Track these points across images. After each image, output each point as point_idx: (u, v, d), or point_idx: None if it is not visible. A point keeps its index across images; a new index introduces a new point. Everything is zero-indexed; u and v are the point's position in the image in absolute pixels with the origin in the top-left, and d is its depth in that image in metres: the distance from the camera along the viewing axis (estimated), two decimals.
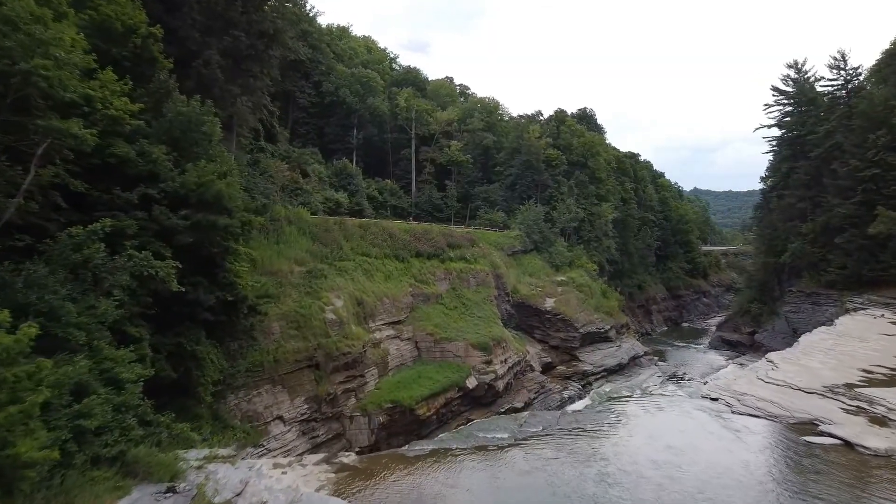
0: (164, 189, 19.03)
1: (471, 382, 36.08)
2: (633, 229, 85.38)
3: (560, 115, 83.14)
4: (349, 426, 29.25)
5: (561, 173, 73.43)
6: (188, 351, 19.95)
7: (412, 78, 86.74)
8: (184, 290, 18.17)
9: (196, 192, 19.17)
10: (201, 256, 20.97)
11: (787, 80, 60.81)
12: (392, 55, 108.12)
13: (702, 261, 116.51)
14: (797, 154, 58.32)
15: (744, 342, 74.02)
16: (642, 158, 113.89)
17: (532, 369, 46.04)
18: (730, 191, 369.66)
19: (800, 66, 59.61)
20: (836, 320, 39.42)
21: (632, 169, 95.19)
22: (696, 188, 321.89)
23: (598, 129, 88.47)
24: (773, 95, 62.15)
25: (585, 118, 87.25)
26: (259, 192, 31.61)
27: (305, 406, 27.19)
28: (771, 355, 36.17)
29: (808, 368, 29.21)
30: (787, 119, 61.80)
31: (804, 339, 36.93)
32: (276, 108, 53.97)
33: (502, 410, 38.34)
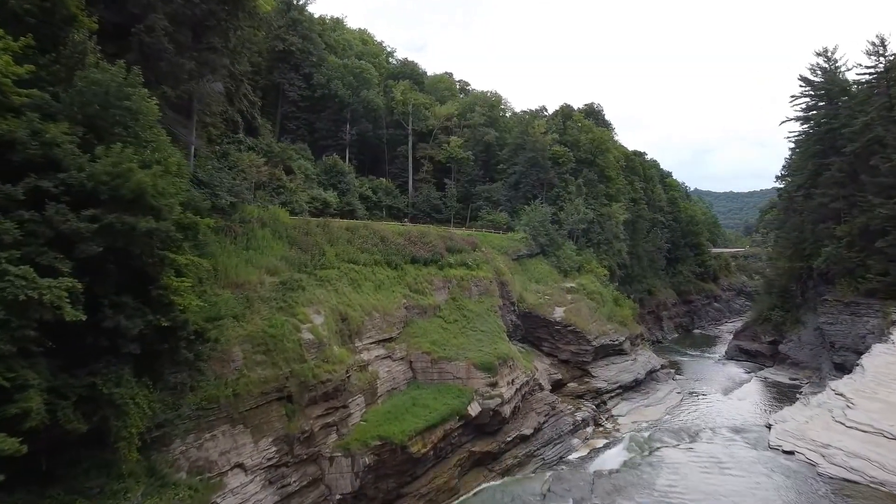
0: (66, 181, 14.18)
1: (473, 409, 31.20)
2: (643, 231, 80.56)
3: (566, 110, 78.32)
4: (328, 469, 24.36)
5: (568, 171, 68.60)
6: (104, 395, 15.12)
7: (409, 71, 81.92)
8: (84, 317, 13.32)
9: (109, 185, 14.31)
10: (128, 271, 16.16)
11: (815, 70, 56.02)
12: (389, 49, 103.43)
13: (712, 264, 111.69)
14: (827, 149, 53.51)
15: (764, 352, 69.24)
16: (648, 157, 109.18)
17: (541, 388, 41.16)
18: (730, 191, 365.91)
19: (830, 53, 54.88)
20: (892, 335, 34.49)
21: (641, 167, 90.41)
22: (696, 189, 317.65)
23: (606, 126, 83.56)
24: (801, 86, 57.34)
25: (593, 114, 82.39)
26: (224, 189, 26.75)
27: (273, 448, 22.31)
28: (838, 386, 31.07)
29: (893, 406, 24.17)
30: (815, 111, 56.98)
31: (868, 361, 31.84)
32: (258, 98, 49.19)
33: (509, 439, 33.52)
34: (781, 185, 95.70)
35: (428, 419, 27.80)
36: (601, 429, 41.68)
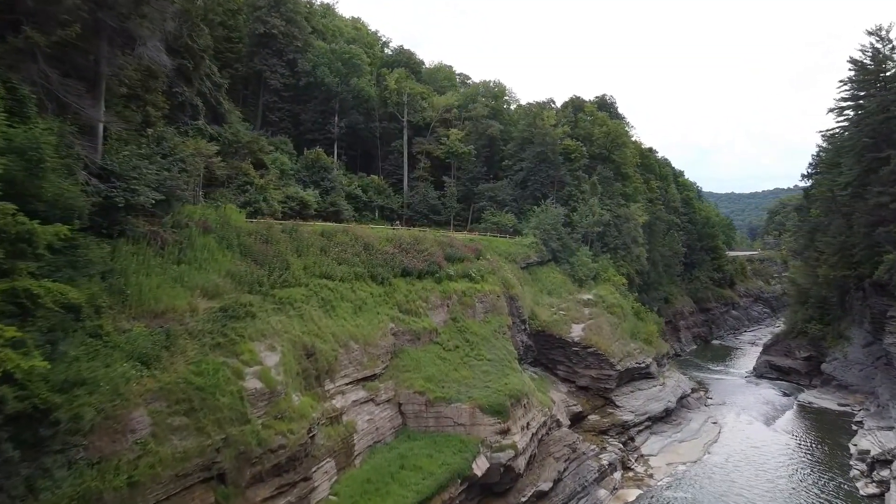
0: None
1: (480, 466, 24.25)
2: (660, 234, 73.57)
3: (577, 102, 71.44)
4: None
5: (581, 168, 61.70)
6: None
7: (405, 60, 74.97)
8: None
9: None
10: None
11: (866, 52, 49.10)
12: (384, 39, 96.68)
13: (728, 268, 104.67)
14: (881, 142, 46.59)
15: (799, 369, 62.33)
16: (659, 155, 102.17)
17: (558, 424, 34.19)
18: (732, 193, 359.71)
19: (884, 32, 47.92)
20: None
21: (656, 165, 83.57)
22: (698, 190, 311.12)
23: (620, 120, 76.65)
24: (851, 69, 50.40)
25: (605, 106, 75.46)
26: (146, 182, 19.79)
27: None
28: None
29: None
30: (865, 99, 50.05)
31: None
32: (224, 80, 42.26)
33: (524, 499, 26.55)
34: (806, 185, 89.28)
35: (420, 490, 20.83)
36: (631, 473, 34.75)
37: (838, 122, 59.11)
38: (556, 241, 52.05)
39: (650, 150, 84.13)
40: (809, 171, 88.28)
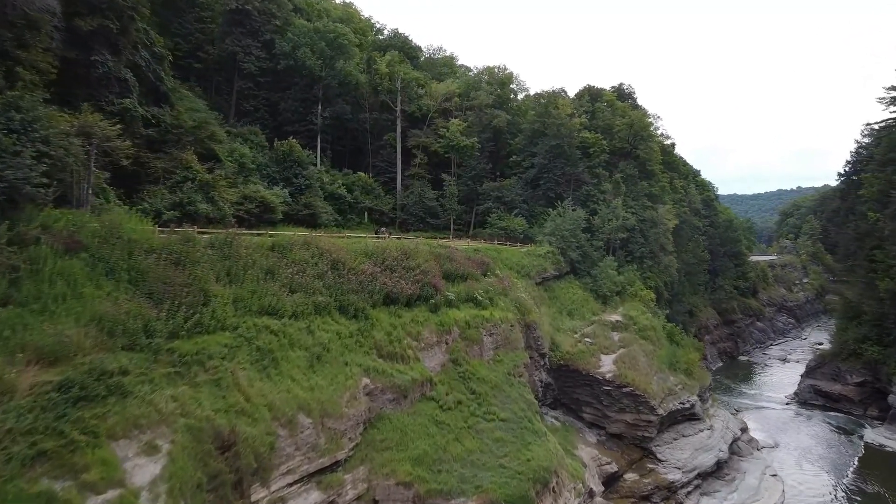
0: None
1: None
2: (686, 240, 65.43)
3: (593, 91, 63.33)
4: None
5: (600, 164, 53.61)
6: None
7: (399, 44, 66.87)
8: None
9: None
10: None
11: None
12: (378, 25, 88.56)
13: (752, 276, 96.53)
14: None
15: (850, 396, 54.21)
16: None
17: (591, 495, 25.99)
18: (734, 194, 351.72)
19: None
20: None
21: (679, 163, 75.48)
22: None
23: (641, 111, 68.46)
24: None
25: (623, 97, 67.33)
26: None
27: None
28: None
29: None
30: None
31: None
32: (166, 52, 34.11)
33: None
34: (841, 185, 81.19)
35: None
36: None
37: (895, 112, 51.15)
38: (576, 250, 43.92)
39: (672, 145, 75.91)
40: (847, 169, 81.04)
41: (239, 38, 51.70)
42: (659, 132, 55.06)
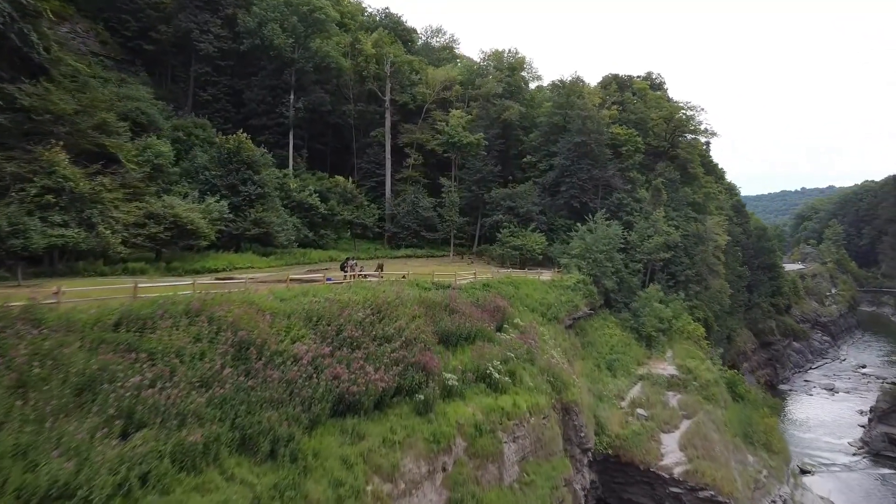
0: None
1: None
2: (732, 257, 55.60)
3: (621, 80, 53.51)
4: None
5: (634, 166, 43.84)
6: None
7: (391, 25, 57.12)
8: None
9: None
10: None
11: None
12: (370, 11, 78.79)
13: (786, 290, 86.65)
14: None
15: None
16: None
17: None
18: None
19: None
20: None
21: (714, 165, 65.60)
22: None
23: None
24: None
25: (653, 88, 57.68)
26: None
27: None
28: None
29: None
30: None
31: None
32: (40, 5, 24.19)
33: None
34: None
35: None
36: None
37: None
38: (612, 276, 34.13)
39: (707, 143, 65.98)
40: None
41: (195, 13, 42.34)
42: (702, 127, 45.63)
